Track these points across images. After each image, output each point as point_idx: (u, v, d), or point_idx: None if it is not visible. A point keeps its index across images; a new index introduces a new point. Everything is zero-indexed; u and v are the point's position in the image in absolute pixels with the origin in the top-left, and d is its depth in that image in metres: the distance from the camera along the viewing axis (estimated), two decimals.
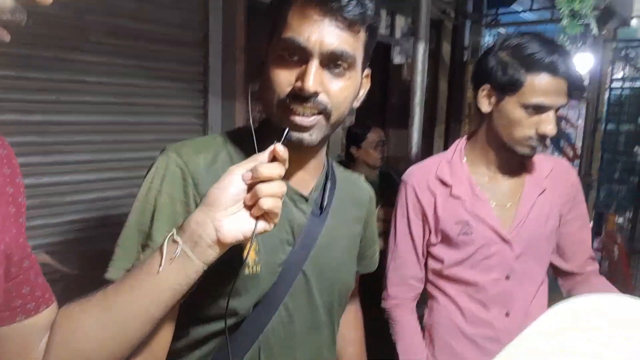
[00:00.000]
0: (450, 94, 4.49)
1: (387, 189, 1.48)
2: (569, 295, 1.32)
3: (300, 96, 0.77)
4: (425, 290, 1.37)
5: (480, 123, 1.29)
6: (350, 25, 0.76)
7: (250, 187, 0.67)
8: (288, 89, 0.78)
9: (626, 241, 3.80)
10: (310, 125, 0.79)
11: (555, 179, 1.31)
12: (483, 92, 1.21)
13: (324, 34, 0.75)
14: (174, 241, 0.67)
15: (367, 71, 0.89)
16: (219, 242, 0.67)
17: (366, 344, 1.20)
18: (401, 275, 1.34)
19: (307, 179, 0.91)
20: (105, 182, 2.14)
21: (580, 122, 3.58)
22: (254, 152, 0.79)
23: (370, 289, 1.31)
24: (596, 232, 4.06)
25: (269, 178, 0.66)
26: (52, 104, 1.94)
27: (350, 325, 1.14)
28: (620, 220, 4.19)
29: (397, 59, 4.18)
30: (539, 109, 1.14)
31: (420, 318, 1.37)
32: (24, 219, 0.63)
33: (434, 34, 4.40)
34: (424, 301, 1.39)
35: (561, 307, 0.55)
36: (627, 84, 4.14)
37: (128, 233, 0.80)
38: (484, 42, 4.74)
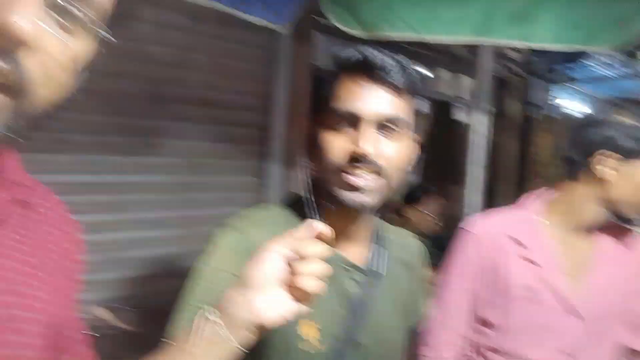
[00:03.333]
0: (521, 152, 4.34)
1: (437, 253, 1.41)
2: None
3: (356, 159, 0.80)
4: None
5: (565, 187, 1.22)
6: (399, 91, 0.82)
7: (289, 266, 0.63)
8: (343, 156, 0.81)
9: None
10: (366, 186, 0.81)
11: (627, 251, 1.22)
12: (601, 159, 1.14)
13: (375, 101, 0.81)
14: (207, 319, 0.64)
15: (416, 136, 0.90)
16: (256, 325, 0.62)
17: None
18: (449, 334, 1.23)
19: (359, 247, 0.91)
20: (168, 239, 2.23)
21: None
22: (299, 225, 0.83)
23: None
24: None
25: (314, 257, 0.62)
26: (125, 165, 2.10)
27: None
28: None
29: (462, 117, 4.16)
30: None
31: None
32: (79, 294, 0.66)
33: (500, 91, 4.34)
34: None
35: None
36: None
37: (184, 309, 0.81)
38: (551, 98, 4.60)
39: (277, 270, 0.62)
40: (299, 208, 0.89)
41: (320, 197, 0.87)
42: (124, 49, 1.61)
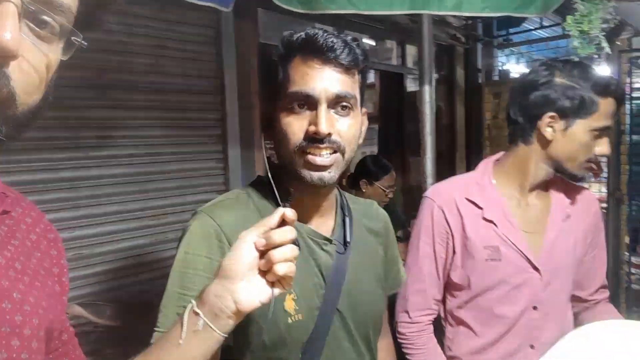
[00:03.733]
0: (468, 117, 4.49)
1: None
2: (576, 320, 1.31)
3: (315, 139, 0.84)
4: (439, 317, 1.33)
5: (512, 148, 1.28)
6: (347, 69, 0.86)
7: (263, 253, 0.68)
8: (302, 136, 0.85)
9: None
10: (330, 164, 0.86)
11: (580, 206, 1.30)
12: (546, 120, 1.20)
13: (327, 81, 0.85)
14: (195, 313, 0.68)
15: (365, 110, 0.96)
16: (238, 312, 0.67)
17: None
18: (424, 298, 1.28)
19: (326, 220, 0.97)
20: (134, 231, 2.21)
21: None
22: (278, 204, 0.86)
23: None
24: (633, 248, 3.91)
25: (281, 243, 0.66)
26: (81, 160, 2.05)
27: None
28: None
29: (412, 87, 4.23)
30: (603, 131, 1.19)
31: None
32: (67, 296, 0.68)
33: (446, 59, 4.44)
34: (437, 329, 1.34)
35: (578, 332, 0.58)
36: None
37: (169, 299, 0.84)
38: (497, 63, 4.76)
39: (251, 258, 0.67)
40: (266, 190, 0.93)
41: (284, 177, 0.91)
42: None
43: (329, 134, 0.84)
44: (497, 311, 1.23)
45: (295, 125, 0.86)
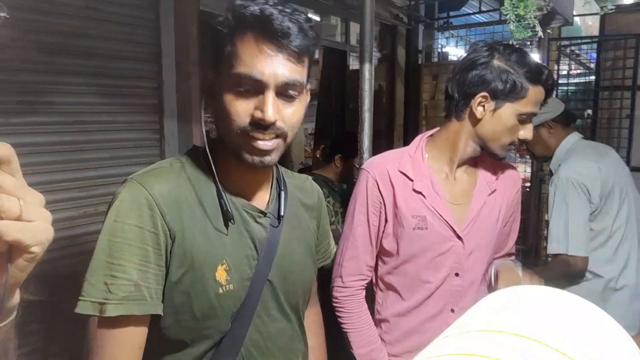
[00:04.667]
0: (407, 97, 4.58)
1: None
2: None
3: (261, 125, 0.83)
4: (371, 283, 1.40)
5: (445, 124, 1.34)
6: (299, 56, 0.85)
7: None
8: (247, 119, 0.84)
9: None
10: (272, 149, 0.86)
11: (504, 182, 1.39)
12: (479, 99, 1.25)
13: (277, 67, 0.83)
14: None
15: (308, 86, 0.94)
16: None
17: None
18: (357, 264, 1.34)
19: (262, 193, 0.98)
20: (60, 202, 2.09)
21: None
22: (212, 174, 0.87)
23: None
24: None
25: None
26: (1, 127, 1.89)
27: (312, 332, 1.17)
28: None
29: (355, 65, 4.25)
30: (528, 117, 1.26)
31: None
32: None
33: (388, 39, 4.49)
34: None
35: (500, 292, 0.64)
36: (573, 80, 4.34)
37: (96, 267, 0.81)
38: (437, 45, 4.88)
39: None
40: (201, 161, 0.92)
41: (222, 152, 0.91)
42: None
43: (275, 121, 0.83)
44: (423, 277, 1.30)
45: (240, 107, 0.84)
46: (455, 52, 5.11)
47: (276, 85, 0.83)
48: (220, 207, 0.89)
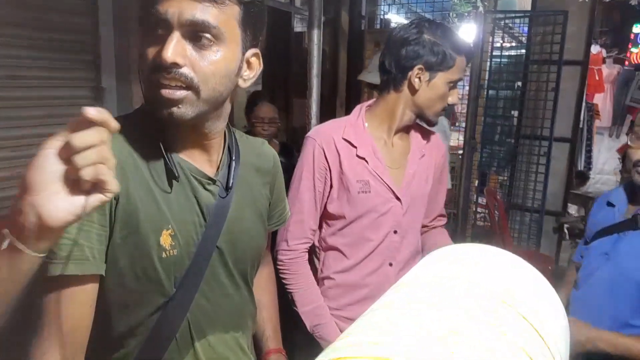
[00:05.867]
0: (350, 63, 4.62)
1: (285, 161, 1.54)
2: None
3: (160, 66, 0.76)
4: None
5: (383, 96, 1.44)
6: None
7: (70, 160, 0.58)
8: (151, 63, 0.77)
9: (505, 197, 4.26)
10: (179, 99, 0.78)
11: (432, 147, 1.53)
12: (416, 71, 1.37)
13: (184, 5, 0.75)
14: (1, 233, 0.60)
15: (254, 51, 0.89)
16: (48, 228, 0.59)
17: None
18: (302, 228, 1.41)
19: (211, 158, 0.93)
20: None
21: (465, 90, 3.89)
22: (146, 136, 0.84)
23: None
24: (480, 190, 4.49)
25: (85, 146, 0.57)
26: None
27: (264, 290, 1.20)
28: (501, 178, 4.69)
29: (299, 27, 4.22)
30: (456, 84, 1.40)
31: None
32: None
33: (333, 3, 4.48)
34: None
35: (441, 249, 0.76)
36: (505, 53, 4.55)
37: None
38: (380, 12, 4.92)
39: (53, 167, 0.58)
40: (144, 121, 0.86)
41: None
42: None
43: (176, 64, 0.75)
44: (365, 236, 1.41)
45: (148, 50, 0.77)
46: (398, 19, 5.18)
47: (180, 23, 0.75)
48: (165, 166, 0.85)
